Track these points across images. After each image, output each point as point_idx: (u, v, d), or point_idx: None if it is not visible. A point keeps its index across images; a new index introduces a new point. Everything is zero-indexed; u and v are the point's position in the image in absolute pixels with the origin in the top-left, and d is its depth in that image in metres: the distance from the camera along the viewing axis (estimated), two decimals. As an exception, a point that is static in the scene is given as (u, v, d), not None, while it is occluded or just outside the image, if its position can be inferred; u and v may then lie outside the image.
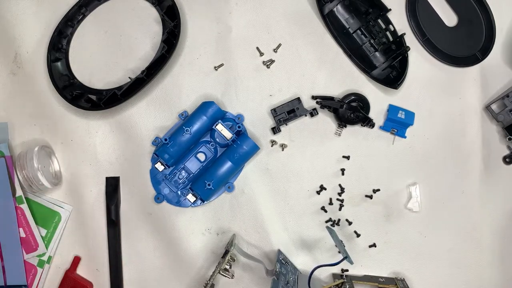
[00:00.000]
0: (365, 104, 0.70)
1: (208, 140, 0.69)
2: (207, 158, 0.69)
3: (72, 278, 0.68)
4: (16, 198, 0.67)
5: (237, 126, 0.68)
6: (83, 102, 0.70)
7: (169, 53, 0.69)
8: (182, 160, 0.69)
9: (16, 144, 0.71)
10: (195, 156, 0.69)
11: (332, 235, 0.64)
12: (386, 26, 0.71)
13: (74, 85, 0.71)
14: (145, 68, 0.69)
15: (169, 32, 0.70)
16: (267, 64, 0.72)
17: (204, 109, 0.68)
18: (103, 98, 0.69)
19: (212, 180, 0.66)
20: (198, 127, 0.67)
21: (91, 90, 0.71)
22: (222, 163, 0.67)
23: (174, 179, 0.69)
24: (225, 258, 0.62)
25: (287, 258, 0.68)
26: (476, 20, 0.72)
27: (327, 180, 0.71)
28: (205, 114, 0.67)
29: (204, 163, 0.69)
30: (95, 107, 0.69)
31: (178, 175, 0.69)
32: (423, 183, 0.71)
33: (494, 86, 0.73)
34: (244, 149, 0.67)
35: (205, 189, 0.66)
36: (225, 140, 0.67)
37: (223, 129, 0.67)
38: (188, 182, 0.69)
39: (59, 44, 0.72)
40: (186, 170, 0.69)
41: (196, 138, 0.68)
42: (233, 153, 0.67)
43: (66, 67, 0.72)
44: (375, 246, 0.70)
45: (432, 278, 0.70)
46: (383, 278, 0.69)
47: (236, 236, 0.69)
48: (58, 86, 0.70)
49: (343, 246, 0.64)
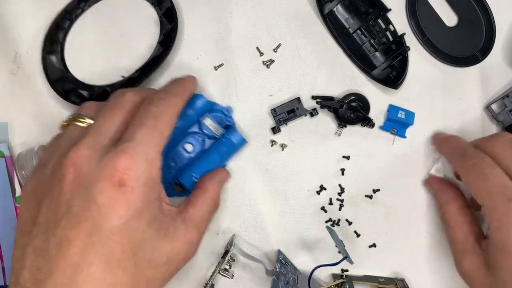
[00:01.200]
0: (365, 104, 0.70)
1: (197, 132, 0.69)
2: (195, 150, 0.69)
3: (72, 278, 0.68)
4: (16, 198, 0.67)
5: (226, 121, 0.68)
6: (74, 97, 0.69)
7: (163, 55, 0.69)
8: (169, 151, 0.69)
9: (16, 144, 0.71)
10: (182, 147, 0.69)
11: (332, 235, 0.64)
12: (386, 26, 0.71)
13: (67, 79, 0.71)
14: (139, 68, 0.68)
15: (165, 34, 0.70)
16: (267, 64, 0.72)
17: (192, 101, 0.67)
18: (94, 95, 0.68)
19: (199, 173, 0.65)
20: (185, 119, 0.67)
21: (84, 85, 0.71)
22: (209, 156, 0.66)
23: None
24: (225, 258, 0.62)
25: (287, 258, 0.68)
26: (476, 20, 0.72)
27: (327, 180, 0.71)
28: (192, 107, 0.67)
29: (192, 155, 0.69)
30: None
31: (164, 166, 0.69)
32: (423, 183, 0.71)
33: (494, 86, 0.73)
34: (233, 143, 0.66)
35: (192, 181, 0.65)
36: (213, 133, 0.67)
37: (211, 124, 0.66)
38: (174, 172, 0.69)
39: (55, 36, 0.71)
40: (173, 161, 0.69)
41: (183, 130, 0.68)
42: (221, 146, 0.66)
43: (61, 60, 0.71)
44: (375, 246, 0.70)
45: (432, 278, 0.71)
46: (383, 278, 0.69)
47: (236, 236, 0.69)
48: (50, 79, 0.69)
49: (343, 246, 0.64)
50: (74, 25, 0.73)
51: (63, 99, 0.69)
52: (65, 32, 0.73)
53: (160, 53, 0.69)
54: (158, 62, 0.69)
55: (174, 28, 0.69)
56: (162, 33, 0.71)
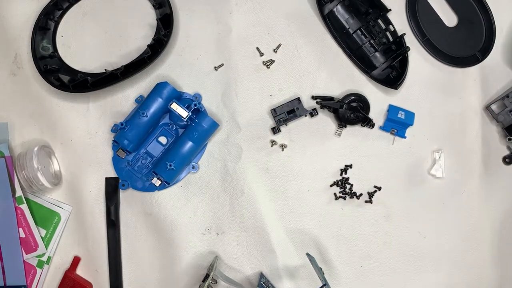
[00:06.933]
0: (365, 104, 0.70)
1: (168, 123, 0.69)
2: (169, 141, 0.69)
3: (71, 278, 0.68)
4: (16, 198, 0.67)
5: (194, 105, 0.67)
6: (54, 79, 0.69)
7: (151, 59, 0.69)
8: (143, 145, 0.69)
9: (16, 144, 0.71)
10: (156, 140, 0.69)
11: (312, 262, 0.64)
12: (386, 26, 0.71)
13: (53, 58, 0.71)
14: (122, 66, 0.68)
15: (156, 40, 0.70)
16: (267, 64, 0.72)
17: (158, 90, 0.67)
18: (75, 81, 0.68)
19: (174, 161, 0.65)
20: (154, 109, 0.67)
21: (67, 68, 0.71)
22: (182, 143, 0.66)
23: (138, 165, 0.69)
24: (206, 282, 0.62)
25: (269, 282, 0.68)
26: (476, 20, 0.72)
27: (327, 180, 0.71)
28: (160, 96, 0.67)
29: (166, 146, 0.69)
30: (63, 88, 0.68)
31: (141, 160, 0.69)
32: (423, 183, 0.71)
33: (494, 86, 0.73)
34: (203, 127, 0.66)
35: (167, 170, 0.65)
36: (182, 120, 0.67)
37: (178, 107, 0.66)
38: (152, 166, 0.69)
39: (51, 14, 0.72)
40: (149, 155, 0.69)
41: (154, 121, 0.68)
42: (192, 132, 0.66)
43: (52, 39, 0.72)
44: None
45: (432, 278, 0.70)
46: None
47: (218, 258, 0.68)
48: (35, 55, 0.69)
49: (322, 273, 0.64)
50: (73, 7, 0.73)
51: (44, 79, 0.68)
52: (62, 13, 0.72)
53: (148, 56, 0.69)
54: (144, 64, 0.69)
55: (168, 34, 0.69)
56: (153, 38, 0.71)
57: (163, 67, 0.72)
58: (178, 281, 0.69)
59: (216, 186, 0.70)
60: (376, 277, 0.70)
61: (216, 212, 0.70)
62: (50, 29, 0.72)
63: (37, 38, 0.71)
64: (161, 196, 0.69)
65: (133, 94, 0.71)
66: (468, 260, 0.71)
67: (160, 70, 0.72)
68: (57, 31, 0.72)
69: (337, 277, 0.69)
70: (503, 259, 0.71)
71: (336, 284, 0.69)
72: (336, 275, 0.70)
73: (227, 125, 0.71)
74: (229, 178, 0.70)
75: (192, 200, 0.70)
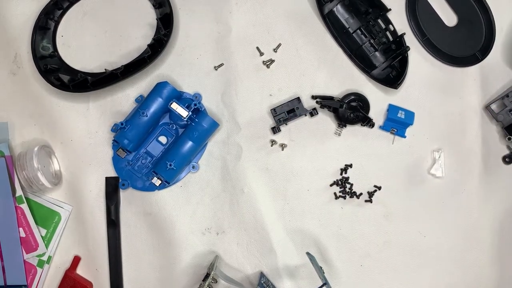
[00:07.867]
0: (365, 104, 0.70)
1: (168, 122, 0.69)
2: (169, 141, 0.69)
3: (72, 278, 0.68)
4: (16, 198, 0.67)
5: (194, 104, 0.67)
6: (53, 79, 0.69)
7: (151, 58, 0.69)
8: (143, 145, 0.69)
9: (16, 144, 0.71)
10: (156, 140, 0.69)
11: (312, 261, 0.64)
12: (386, 26, 0.71)
13: (53, 58, 0.71)
14: (122, 65, 0.68)
15: (156, 40, 0.70)
16: (267, 64, 0.72)
17: (158, 90, 0.67)
18: (75, 81, 0.68)
19: (174, 160, 0.65)
20: (154, 108, 0.67)
21: (67, 68, 0.71)
22: (182, 142, 0.66)
23: (138, 164, 0.69)
24: (206, 281, 0.62)
25: (269, 281, 0.68)
26: (476, 20, 0.72)
27: (327, 180, 0.71)
28: (160, 95, 0.67)
29: (166, 146, 0.69)
30: (63, 88, 0.69)
31: (141, 160, 0.69)
32: (423, 183, 0.71)
33: (494, 86, 0.73)
34: (203, 127, 0.66)
35: (167, 170, 0.65)
36: (182, 119, 0.67)
37: (178, 107, 0.66)
38: (152, 166, 0.69)
39: (51, 13, 0.72)
40: (149, 154, 0.69)
41: (154, 120, 0.68)
42: (192, 131, 0.66)
43: (52, 38, 0.72)
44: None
45: (432, 277, 0.71)
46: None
47: (218, 258, 0.68)
48: (35, 55, 0.69)
49: (322, 272, 0.64)
50: (73, 7, 0.73)
51: (44, 78, 0.68)
52: (62, 12, 0.73)
53: (148, 56, 0.69)
54: (144, 64, 0.69)
55: (168, 34, 0.69)
56: (153, 37, 0.71)
57: (163, 67, 0.72)
58: (178, 281, 0.69)
59: (216, 186, 0.70)
60: (376, 276, 0.70)
61: (216, 211, 0.70)
62: (50, 28, 0.72)
63: (37, 37, 0.71)
64: (161, 195, 0.69)
65: (133, 94, 0.71)
66: (467, 259, 0.71)
67: (160, 69, 0.72)
68: (57, 30, 0.72)
69: (337, 276, 0.70)
70: (502, 258, 0.71)
71: (336, 283, 0.69)
72: (336, 274, 0.70)
73: (227, 125, 0.71)
74: (229, 177, 0.70)
75: (192, 199, 0.70)
